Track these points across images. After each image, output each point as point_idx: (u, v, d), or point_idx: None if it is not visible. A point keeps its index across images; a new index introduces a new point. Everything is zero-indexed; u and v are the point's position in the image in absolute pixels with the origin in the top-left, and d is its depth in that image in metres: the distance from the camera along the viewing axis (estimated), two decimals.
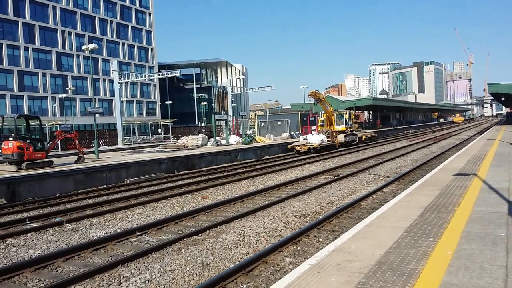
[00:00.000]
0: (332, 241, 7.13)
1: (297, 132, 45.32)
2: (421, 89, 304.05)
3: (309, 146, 32.08)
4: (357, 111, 72.90)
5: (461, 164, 15.62)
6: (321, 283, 4.81)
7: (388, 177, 18.27)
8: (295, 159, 28.36)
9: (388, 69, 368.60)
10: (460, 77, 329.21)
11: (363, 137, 41.78)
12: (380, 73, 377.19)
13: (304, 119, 48.42)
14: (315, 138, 33.17)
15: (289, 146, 33.82)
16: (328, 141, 34.47)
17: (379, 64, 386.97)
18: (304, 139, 34.66)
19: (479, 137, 36.89)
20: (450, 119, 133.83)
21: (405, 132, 69.15)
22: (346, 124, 39.17)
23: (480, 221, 7.20)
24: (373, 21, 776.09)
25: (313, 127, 51.79)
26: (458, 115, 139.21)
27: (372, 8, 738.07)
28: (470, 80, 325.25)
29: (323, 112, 40.35)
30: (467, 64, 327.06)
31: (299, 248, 8.52)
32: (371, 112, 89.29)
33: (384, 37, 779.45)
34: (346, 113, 40.10)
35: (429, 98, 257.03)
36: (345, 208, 11.67)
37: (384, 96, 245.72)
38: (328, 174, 19.55)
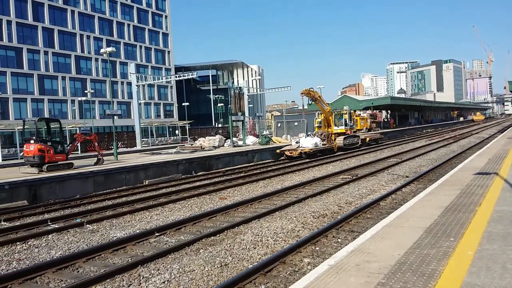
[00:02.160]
0: (351, 242, 7.09)
1: (314, 132, 45.03)
2: (440, 88, 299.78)
3: (300, 150, 28.83)
4: (374, 111, 72.32)
5: (482, 163, 15.36)
6: (340, 284, 4.79)
7: (407, 176, 18.07)
8: (312, 159, 28.22)
9: (406, 68, 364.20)
10: (480, 75, 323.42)
11: (367, 139, 38.07)
12: (398, 72, 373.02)
13: None
14: (307, 142, 29.79)
15: (278, 151, 30.78)
16: (323, 144, 31.27)
17: (396, 63, 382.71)
18: (296, 142, 31.07)
19: (500, 135, 36.25)
20: (470, 118, 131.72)
21: (424, 131, 68.31)
22: (345, 125, 35.70)
23: (502, 220, 7.07)
24: (390, 20, 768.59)
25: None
26: (478, 113, 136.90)
27: (389, 6, 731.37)
28: (490, 78, 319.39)
29: (319, 112, 36.76)
30: (487, 62, 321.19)
31: (317, 248, 8.49)
32: (389, 111, 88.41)
33: (402, 35, 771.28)
34: (346, 113, 36.47)
35: (448, 97, 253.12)
36: (363, 209, 11.58)
37: (402, 95, 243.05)
38: (346, 174, 19.43)
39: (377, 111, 74.90)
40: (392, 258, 5.55)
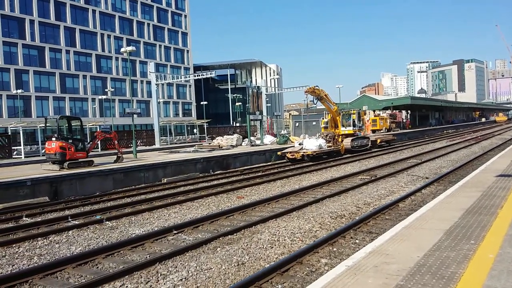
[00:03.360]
0: (369, 243, 7.03)
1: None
2: (461, 88, 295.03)
3: (302, 153, 27.16)
4: (394, 111, 71.55)
5: (504, 165, 15.06)
6: (358, 285, 4.75)
7: (427, 178, 17.84)
8: (330, 159, 28.07)
9: (427, 67, 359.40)
10: (502, 75, 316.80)
11: (378, 141, 36.31)
12: (418, 72, 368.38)
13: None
14: (311, 143, 28.16)
15: (279, 153, 29.15)
16: (329, 146, 29.70)
17: (417, 63, 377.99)
18: (299, 144, 29.62)
19: None
20: (493, 119, 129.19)
21: (445, 131, 67.28)
22: (354, 125, 33.07)
23: None
24: (411, 18, 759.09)
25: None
26: (501, 114, 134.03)
27: (410, 4, 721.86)
28: None
29: (327, 112, 34.82)
30: (510, 62, 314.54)
31: (335, 249, 8.44)
32: (409, 111, 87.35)
33: (423, 34, 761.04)
34: (354, 113, 33.85)
35: (470, 97, 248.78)
36: (382, 210, 11.47)
37: (423, 95, 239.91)
38: (365, 175, 19.27)
39: (397, 111, 74.11)
40: (411, 260, 5.48)
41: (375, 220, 10.61)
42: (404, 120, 78.73)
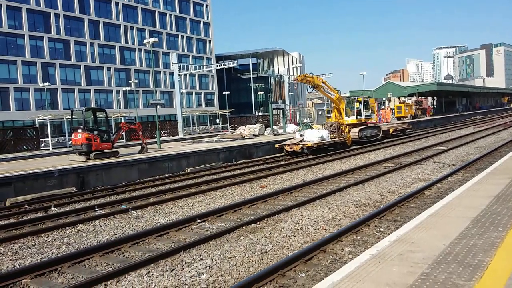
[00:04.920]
0: (393, 231, 6.94)
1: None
2: (489, 73, 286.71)
3: (301, 145, 24.71)
4: (420, 97, 70.21)
5: None
6: (382, 273, 4.70)
7: (453, 165, 17.48)
8: (354, 147, 27.76)
9: (453, 52, 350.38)
10: None
11: (391, 130, 33.35)
12: (444, 57, 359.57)
13: None
14: (312, 135, 25.49)
15: (277, 146, 26.51)
16: (333, 137, 27.00)
17: (443, 48, 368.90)
18: (300, 135, 27.17)
19: None
20: None
21: (472, 118, 65.78)
22: (359, 115, 29.81)
23: None
24: (436, 1, 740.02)
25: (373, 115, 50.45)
26: None
27: None
28: None
29: (330, 100, 30.96)
30: None
31: (359, 237, 8.37)
32: (435, 98, 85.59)
33: (449, 18, 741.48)
34: (360, 100, 30.38)
35: (499, 82, 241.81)
36: (407, 198, 11.30)
37: (449, 81, 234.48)
38: (389, 163, 19.01)
39: (423, 97, 72.70)
40: (436, 248, 5.38)
41: (400, 208, 10.47)
42: (433, 106, 77.16)
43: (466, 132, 35.94)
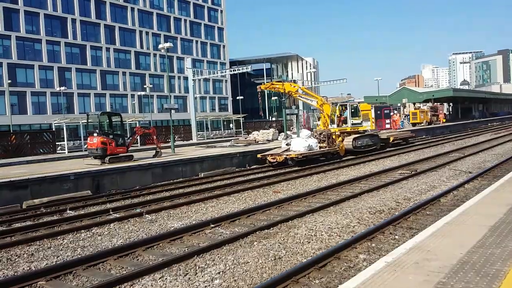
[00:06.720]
0: (409, 239, 6.86)
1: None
2: (507, 79, 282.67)
3: (285, 156, 22.29)
4: (435, 103, 69.53)
5: None
6: (398, 282, 4.64)
7: (470, 172, 17.24)
8: (369, 154, 27.52)
9: (470, 58, 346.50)
10: None
11: (391, 139, 30.38)
12: (461, 63, 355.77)
13: (378, 112, 46.91)
14: (299, 144, 22.96)
15: (259, 156, 23.92)
16: (322, 147, 24.33)
17: (460, 53, 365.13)
18: (287, 144, 24.68)
19: None
20: None
21: (489, 124, 64.89)
22: (344, 122, 27.06)
23: None
24: (452, 7, 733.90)
25: (388, 121, 50.13)
26: None
27: None
28: None
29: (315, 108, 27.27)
30: None
31: (373, 245, 8.29)
32: (451, 104, 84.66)
33: (466, 24, 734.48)
34: (345, 105, 27.63)
35: None
36: (423, 205, 11.17)
37: (466, 87, 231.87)
38: (405, 169, 18.83)
39: (438, 103, 71.98)
40: (453, 257, 5.30)
41: (415, 216, 10.35)
42: (449, 113, 76.21)
43: (482, 138, 35.46)
